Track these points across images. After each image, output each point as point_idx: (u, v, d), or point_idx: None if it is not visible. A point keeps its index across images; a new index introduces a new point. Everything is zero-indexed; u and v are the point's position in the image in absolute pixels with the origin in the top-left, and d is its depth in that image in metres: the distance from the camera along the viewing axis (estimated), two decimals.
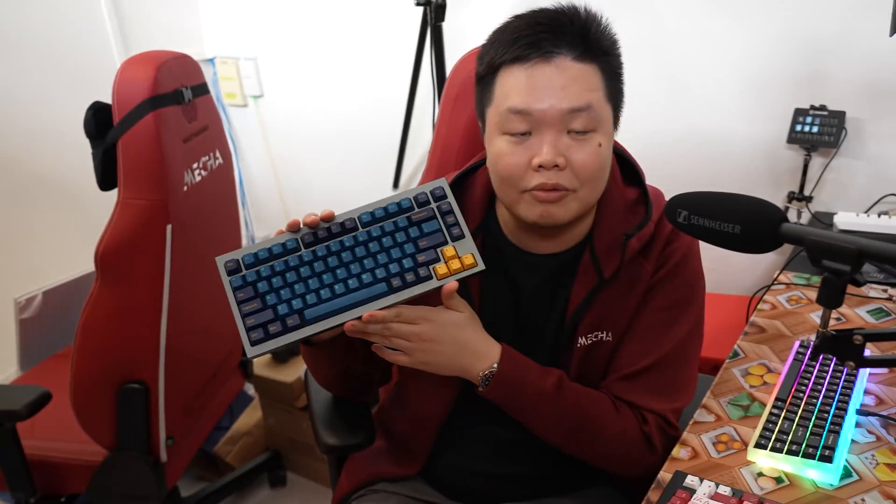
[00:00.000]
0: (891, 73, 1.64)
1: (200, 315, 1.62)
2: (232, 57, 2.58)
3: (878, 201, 1.70)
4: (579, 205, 0.95)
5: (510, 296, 1.06)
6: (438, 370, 0.98)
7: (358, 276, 0.94)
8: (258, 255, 0.95)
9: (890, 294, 1.31)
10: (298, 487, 2.22)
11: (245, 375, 1.99)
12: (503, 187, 0.96)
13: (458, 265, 0.95)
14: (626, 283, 1.01)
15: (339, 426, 1.16)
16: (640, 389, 1.01)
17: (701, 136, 1.91)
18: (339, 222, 0.97)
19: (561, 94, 0.90)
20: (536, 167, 0.91)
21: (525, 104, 0.90)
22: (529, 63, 0.90)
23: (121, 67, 1.33)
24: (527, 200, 0.94)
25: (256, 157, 2.73)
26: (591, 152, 0.92)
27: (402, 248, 0.96)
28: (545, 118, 0.90)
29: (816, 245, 0.76)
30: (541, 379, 0.98)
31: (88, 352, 1.41)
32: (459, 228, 0.97)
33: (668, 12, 1.83)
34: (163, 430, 1.51)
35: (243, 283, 0.94)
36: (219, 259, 0.96)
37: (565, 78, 0.90)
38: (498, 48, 0.93)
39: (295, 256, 0.95)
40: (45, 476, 1.53)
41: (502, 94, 0.93)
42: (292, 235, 0.96)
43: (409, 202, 0.98)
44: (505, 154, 0.93)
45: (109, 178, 1.35)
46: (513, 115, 0.91)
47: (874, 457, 0.91)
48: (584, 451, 1.02)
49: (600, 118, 0.92)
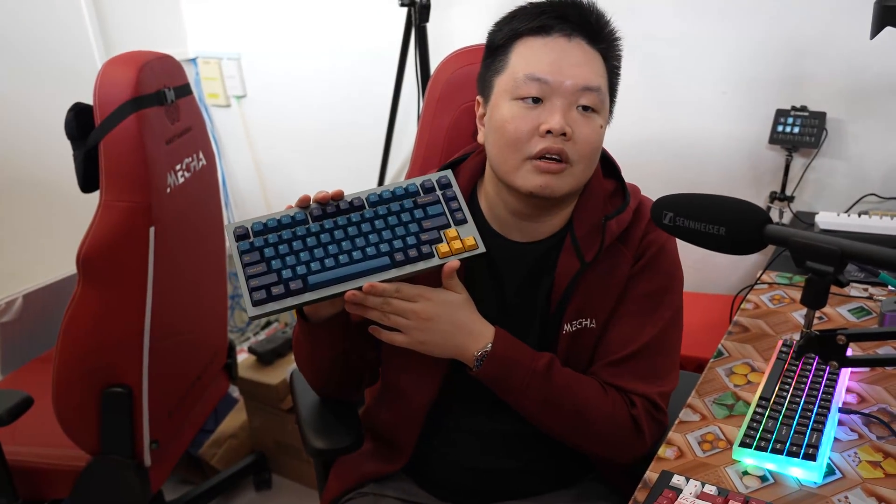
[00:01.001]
0: (870, 75, 1.66)
1: (184, 317, 1.61)
2: (215, 57, 2.56)
3: (859, 201, 1.72)
4: (574, 181, 0.98)
5: (494, 284, 1.07)
6: (434, 350, 0.99)
7: (362, 248, 0.97)
8: (267, 224, 0.98)
9: (871, 293, 1.33)
10: (284, 490, 2.21)
11: (230, 378, 1.98)
12: (505, 152, 0.98)
13: (459, 245, 0.98)
14: (606, 269, 1.04)
15: (326, 429, 1.15)
16: (628, 375, 1.03)
17: (683, 136, 1.92)
18: (349, 200, 1.01)
19: (578, 70, 0.95)
20: (544, 133, 0.94)
21: (545, 73, 0.94)
22: (551, 36, 0.96)
23: (102, 68, 1.32)
24: (528, 169, 0.96)
25: (240, 157, 2.71)
26: (595, 129, 0.97)
27: (407, 227, 0.99)
28: (560, 89, 0.95)
29: (800, 247, 0.76)
30: (532, 360, 1.00)
31: (70, 355, 1.40)
32: (462, 214, 1.01)
33: (651, 13, 1.84)
34: (147, 434, 1.50)
35: (250, 248, 0.97)
36: (227, 226, 0.99)
37: (583, 57, 0.96)
38: (521, 19, 0.98)
39: (303, 227, 0.98)
40: (28, 481, 1.51)
41: (521, 61, 0.97)
42: (301, 209, 0.99)
43: (415, 187, 1.02)
44: (515, 117, 0.96)
45: (91, 180, 1.34)
46: (531, 82, 0.95)
47: (857, 454, 0.92)
48: (573, 435, 1.03)
49: (604, 102, 0.98)
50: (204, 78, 2.60)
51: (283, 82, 2.50)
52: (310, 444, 1.13)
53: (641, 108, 1.92)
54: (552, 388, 0.99)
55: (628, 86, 1.91)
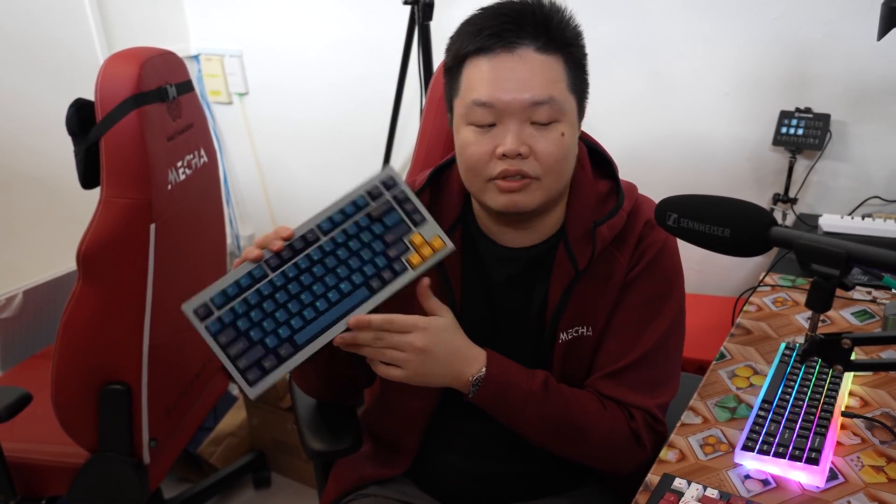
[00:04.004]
0: (875, 77, 1.66)
1: (184, 315, 1.60)
2: (217, 53, 2.55)
3: (862, 203, 1.72)
4: (543, 193, 0.96)
5: (484, 289, 1.06)
6: (432, 381, 0.95)
7: (336, 287, 0.92)
8: (227, 293, 0.91)
9: (874, 296, 1.32)
10: (283, 488, 2.21)
11: (229, 376, 1.97)
12: (469, 176, 0.97)
13: (428, 251, 0.94)
14: (601, 276, 1.02)
15: (325, 431, 1.14)
16: (625, 386, 1.01)
17: (687, 137, 1.91)
18: (301, 236, 0.93)
19: (523, 85, 0.91)
20: (500, 156, 0.92)
21: (488, 96, 0.92)
22: (493, 54, 0.92)
23: (104, 64, 1.32)
24: (492, 190, 0.95)
25: (241, 154, 2.71)
26: (554, 141, 0.93)
27: (371, 247, 0.94)
28: (508, 109, 0.92)
29: (805, 249, 0.76)
30: (527, 381, 0.98)
31: (70, 352, 1.39)
32: (420, 213, 0.96)
33: (656, 14, 1.83)
34: (145, 432, 1.49)
35: (221, 325, 0.90)
36: (185, 307, 0.91)
37: (528, 69, 0.91)
38: (463, 40, 0.95)
39: (266, 283, 0.91)
40: (26, 478, 1.50)
41: (467, 85, 0.95)
42: (254, 263, 0.92)
43: (363, 199, 0.96)
44: (470, 143, 0.95)
45: (92, 177, 1.33)
46: (477, 107, 0.93)
47: (859, 459, 0.91)
48: (573, 452, 1.02)
49: (563, 109, 0.94)
50: (206, 75, 2.59)
51: (285, 80, 2.50)
52: (308, 445, 1.12)
53: (645, 109, 1.92)
54: (549, 408, 0.97)
55: (632, 86, 1.92)
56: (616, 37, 1.88)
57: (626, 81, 1.91)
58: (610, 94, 1.89)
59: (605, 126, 2.01)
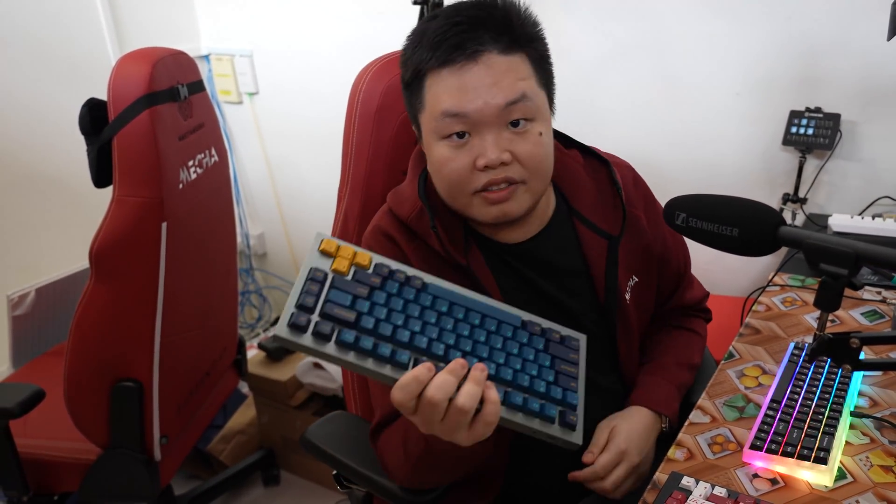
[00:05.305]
0: (886, 77, 1.65)
1: (195, 313, 1.61)
2: (227, 53, 2.57)
3: (872, 203, 1.71)
4: (531, 196, 0.95)
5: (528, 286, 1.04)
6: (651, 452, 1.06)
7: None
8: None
9: (884, 296, 1.31)
10: (292, 486, 2.22)
11: (239, 374, 1.98)
12: (452, 192, 0.95)
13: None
14: (629, 231, 1.08)
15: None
16: (688, 295, 1.20)
17: (697, 137, 1.91)
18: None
19: (494, 90, 0.89)
20: (482, 167, 0.91)
21: (459, 107, 0.89)
22: (457, 65, 0.89)
23: (117, 64, 1.33)
24: (479, 202, 0.94)
25: (251, 154, 2.72)
26: (535, 142, 0.92)
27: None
28: (482, 117, 0.90)
29: (814, 249, 0.76)
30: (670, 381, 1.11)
31: (82, 349, 1.41)
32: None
33: (666, 14, 1.83)
34: (157, 429, 1.50)
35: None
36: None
37: (495, 74, 0.89)
38: (422, 53, 0.91)
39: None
40: (38, 474, 1.52)
41: (433, 99, 0.91)
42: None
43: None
44: (447, 159, 0.92)
45: (104, 175, 1.35)
46: (448, 119, 0.90)
47: (868, 459, 0.91)
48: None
49: (537, 106, 0.92)
50: (216, 74, 2.61)
51: (294, 80, 2.50)
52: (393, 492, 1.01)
53: (656, 109, 1.91)
54: (691, 376, 1.16)
55: (643, 86, 1.92)
56: (626, 37, 1.87)
57: (638, 82, 1.90)
58: (622, 94, 1.90)
59: (616, 126, 2.02)
